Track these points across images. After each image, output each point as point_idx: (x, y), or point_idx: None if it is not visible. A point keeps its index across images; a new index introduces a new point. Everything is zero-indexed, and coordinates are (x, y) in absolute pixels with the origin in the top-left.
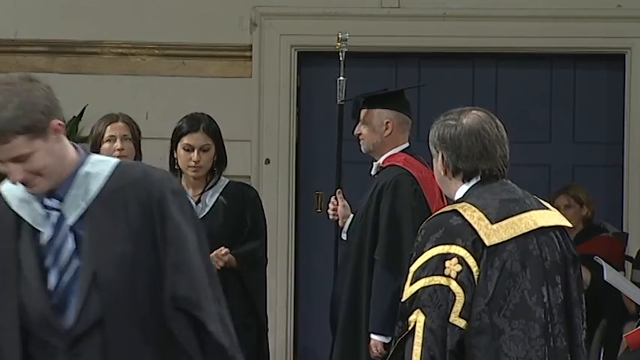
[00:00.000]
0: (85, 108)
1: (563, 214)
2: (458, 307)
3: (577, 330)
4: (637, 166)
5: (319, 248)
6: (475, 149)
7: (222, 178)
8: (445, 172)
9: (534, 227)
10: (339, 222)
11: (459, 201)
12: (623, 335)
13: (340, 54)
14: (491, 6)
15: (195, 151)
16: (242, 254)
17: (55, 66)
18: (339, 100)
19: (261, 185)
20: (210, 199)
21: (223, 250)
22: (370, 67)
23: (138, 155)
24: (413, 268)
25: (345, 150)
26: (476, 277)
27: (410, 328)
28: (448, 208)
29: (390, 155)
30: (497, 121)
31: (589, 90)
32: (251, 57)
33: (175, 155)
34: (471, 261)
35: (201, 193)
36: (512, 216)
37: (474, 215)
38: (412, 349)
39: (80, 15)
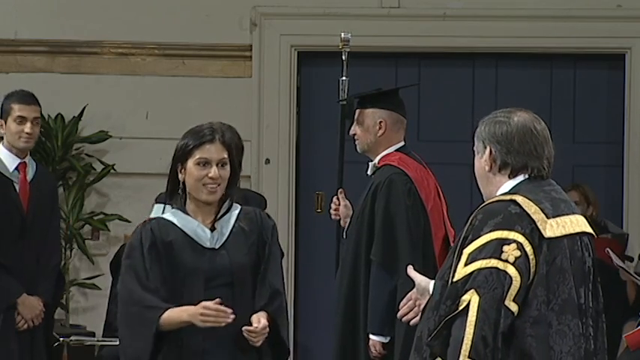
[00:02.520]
0: (85, 108)
1: None
2: (513, 291)
3: (604, 334)
4: (637, 166)
5: (319, 248)
6: (526, 146)
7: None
8: (490, 168)
9: (579, 230)
10: (341, 222)
11: (512, 192)
12: (623, 335)
13: (343, 54)
14: (491, 6)
15: (213, 165)
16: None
17: (55, 66)
18: (339, 100)
19: (261, 185)
20: (227, 226)
21: (262, 322)
22: (370, 67)
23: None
24: (468, 250)
25: (346, 150)
26: (532, 264)
27: (462, 307)
28: (505, 197)
29: (385, 155)
30: (543, 123)
31: (589, 90)
32: (251, 57)
33: (181, 176)
34: (528, 249)
35: (215, 220)
36: (563, 215)
37: (531, 207)
38: (464, 328)
39: (80, 15)
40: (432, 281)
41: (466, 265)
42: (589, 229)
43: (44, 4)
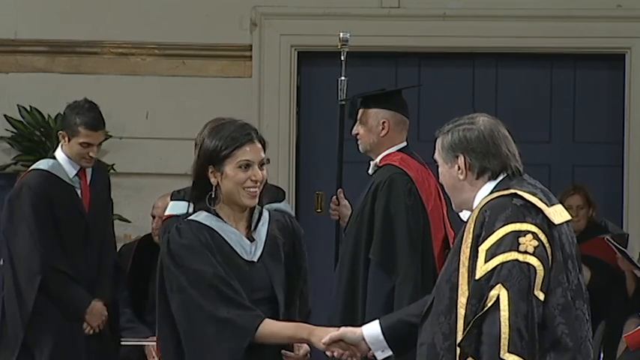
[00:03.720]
0: None
1: (576, 214)
2: (539, 280)
3: (588, 323)
4: (637, 166)
5: (319, 248)
6: (500, 148)
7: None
8: (465, 176)
9: (567, 219)
10: (341, 222)
11: (505, 188)
12: (623, 335)
13: (341, 54)
14: (491, 6)
15: (255, 167)
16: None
17: (55, 66)
18: (339, 100)
19: None
20: (261, 235)
21: (303, 349)
22: (370, 67)
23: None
24: (485, 247)
25: (346, 150)
26: (549, 252)
27: (491, 303)
28: (502, 192)
29: (387, 154)
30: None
31: (589, 90)
32: (251, 57)
33: (214, 179)
34: (543, 237)
35: (251, 227)
36: (555, 205)
37: (532, 198)
38: (498, 323)
39: (80, 15)
40: (359, 329)
41: (486, 261)
42: (568, 216)
43: (44, 4)
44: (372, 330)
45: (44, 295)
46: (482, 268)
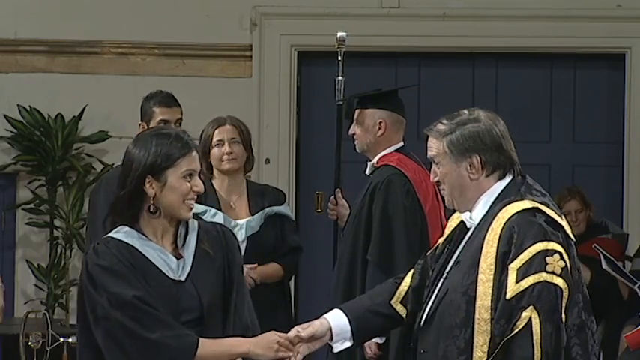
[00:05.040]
0: (85, 108)
1: (575, 218)
2: (564, 302)
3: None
4: (637, 166)
5: (319, 248)
6: (507, 144)
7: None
8: (478, 176)
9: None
10: (339, 222)
11: (520, 199)
12: (623, 335)
13: (339, 54)
14: (491, 6)
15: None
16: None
17: (55, 66)
18: (337, 100)
19: None
20: (188, 248)
21: None
22: (370, 66)
23: (250, 158)
24: (516, 265)
25: (345, 150)
26: (570, 272)
27: (522, 325)
28: (523, 205)
29: (384, 155)
30: None
31: (589, 90)
32: (251, 57)
33: (152, 191)
34: (566, 257)
35: (177, 243)
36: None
37: (550, 212)
38: (531, 347)
39: (80, 15)
40: (324, 319)
41: (517, 281)
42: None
43: (44, 4)
44: (339, 320)
45: None
46: (513, 288)
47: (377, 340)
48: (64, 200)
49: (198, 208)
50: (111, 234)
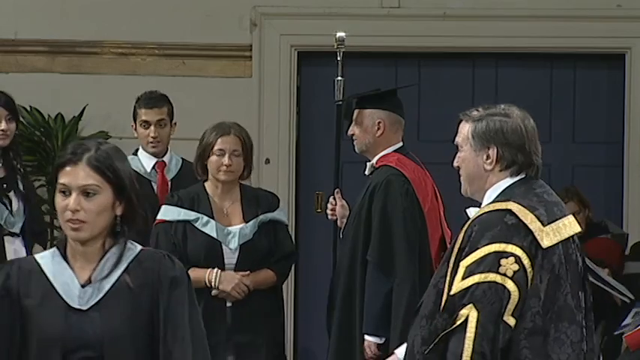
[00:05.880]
0: (85, 108)
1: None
2: (511, 306)
3: (593, 333)
4: (637, 166)
5: (319, 248)
6: (533, 143)
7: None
8: (492, 168)
9: (571, 232)
10: (338, 222)
11: (505, 200)
12: (623, 335)
13: (338, 54)
14: (491, 6)
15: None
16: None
17: (55, 66)
18: (336, 100)
19: (261, 185)
20: (109, 278)
21: None
22: (370, 67)
23: (247, 170)
24: (465, 263)
25: (344, 150)
26: (529, 277)
27: (460, 322)
28: (499, 205)
29: (383, 155)
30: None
31: (589, 90)
32: (251, 57)
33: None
34: (526, 262)
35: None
36: (557, 220)
37: (527, 216)
38: (463, 343)
39: (80, 15)
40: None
41: (464, 278)
42: (577, 228)
43: (44, 4)
44: None
45: None
46: (458, 285)
47: (377, 340)
48: None
49: (190, 215)
50: (41, 253)
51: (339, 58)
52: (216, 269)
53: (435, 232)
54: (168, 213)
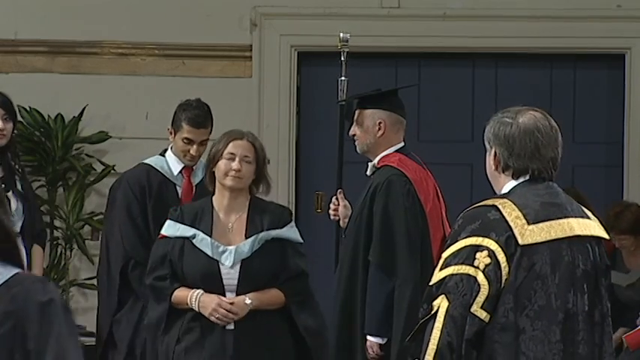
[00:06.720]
0: (85, 108)
1: None
2: (481, 298)
3: (608, 338)
4: (637, 166)
5: (319, 248)
6: (527, 149)
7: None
8: (496, 168)
9: (570, 234)
10: (340, 222)
11: (501, 196)
12: (623, 336)
13: (341, 54)
14: (491, 6)
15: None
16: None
17: (55, 66)
18: (339, 101)
19: None
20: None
21: None
22: (370, 67)
23: (261, 179)
24: (445, 255)
25: (346, 150)
26: (504, 272)
27: (433, 312)
28: (489, 201)
29: (385, 155)
30: (554, 122)
31: (589, 90)
32: (251, 57)
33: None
34: (501, 256)
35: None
36: (551, 220)
37: (511, 213)
38: (432, 332)
39: (80, 15)
40: None
41: (441, 269)
42: (592, 232)
43: (44, 4)
44: None
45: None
46: (436, 275)
47: (379, 340)
48: (63, 201)
49: (188, 231)
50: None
51: (342, 59)
52: (197, 291)
53: (436, 232)
54: (168, 229)
